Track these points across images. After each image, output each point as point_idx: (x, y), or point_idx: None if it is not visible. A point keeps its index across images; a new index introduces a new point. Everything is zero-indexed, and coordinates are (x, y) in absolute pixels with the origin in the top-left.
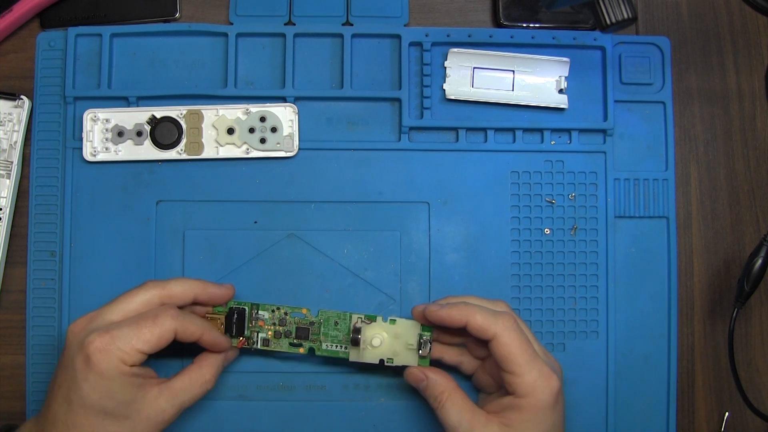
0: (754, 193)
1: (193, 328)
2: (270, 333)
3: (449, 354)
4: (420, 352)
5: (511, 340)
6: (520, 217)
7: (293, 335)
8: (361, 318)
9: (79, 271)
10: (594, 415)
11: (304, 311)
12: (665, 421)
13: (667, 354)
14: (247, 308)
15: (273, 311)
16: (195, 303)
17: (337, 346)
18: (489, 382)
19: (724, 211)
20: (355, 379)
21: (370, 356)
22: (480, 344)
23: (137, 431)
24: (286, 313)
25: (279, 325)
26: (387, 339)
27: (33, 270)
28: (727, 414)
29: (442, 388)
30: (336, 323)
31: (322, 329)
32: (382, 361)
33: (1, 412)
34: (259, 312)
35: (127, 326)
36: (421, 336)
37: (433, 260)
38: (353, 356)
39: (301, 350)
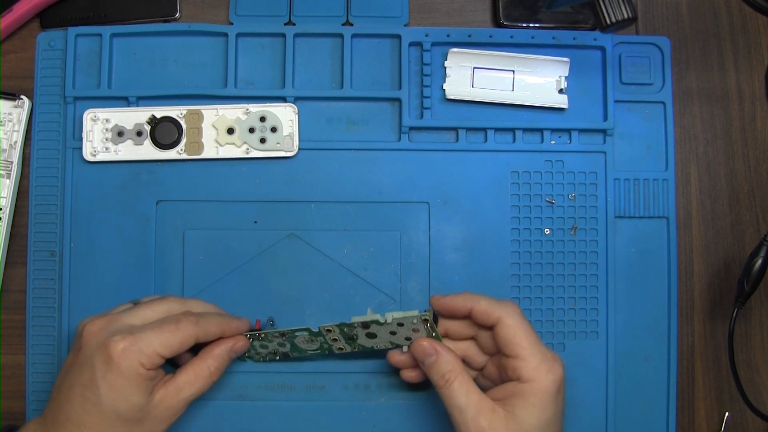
0: (754, 193)
1: (213, 329)
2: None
3: (458, 347)
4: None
5: (515, 323)
6: (520, 217)
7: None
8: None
9: (79, 271)
10: (594, 415)
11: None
12: (665, 421)
13: (667, 354)
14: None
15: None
16: None
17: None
18: (496, 376)
19: (724, 211)
20: (355, 379)
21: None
22: (489, 336)
23: None
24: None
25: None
26: (394, 323)
27: (33, 270)
28: (727, 414)
29: (452, 366)
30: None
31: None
32: (400, 324)
33: (1, 412)
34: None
35: (150, 330)
36: (423, 318)
37: (433, 260)
38: (372, 321)
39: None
